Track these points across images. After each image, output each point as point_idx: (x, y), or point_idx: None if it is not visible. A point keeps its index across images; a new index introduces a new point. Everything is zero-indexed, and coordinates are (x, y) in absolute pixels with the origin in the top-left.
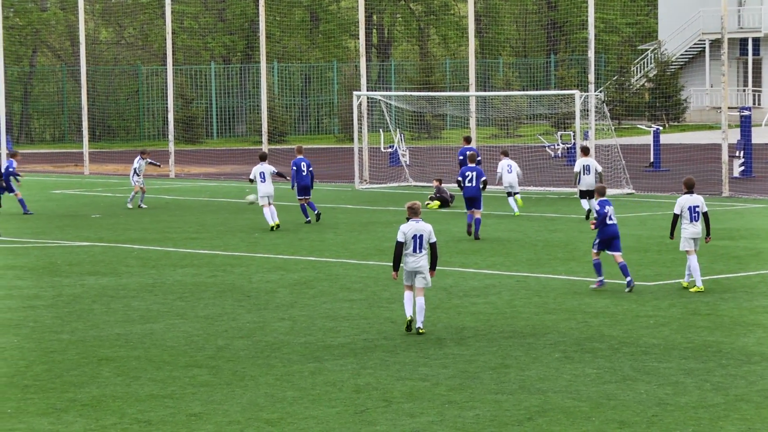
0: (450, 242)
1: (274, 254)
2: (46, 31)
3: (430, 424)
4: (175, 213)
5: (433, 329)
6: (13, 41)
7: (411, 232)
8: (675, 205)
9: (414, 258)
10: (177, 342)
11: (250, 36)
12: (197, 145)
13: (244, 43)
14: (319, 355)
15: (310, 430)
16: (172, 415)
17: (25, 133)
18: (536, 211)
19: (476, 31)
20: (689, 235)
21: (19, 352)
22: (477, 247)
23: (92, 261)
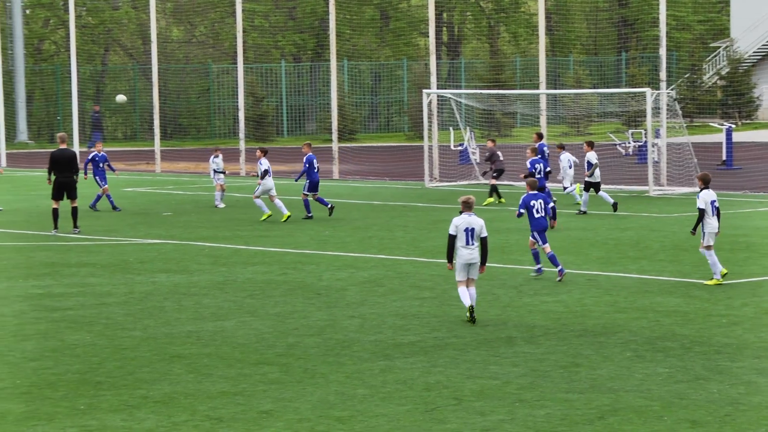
0: (521, 240)
1: (343, 252)
2: (118, 30)
3: (500, 422)
4: (246, 211)
5: (504, 327)
6: (85, 40)
7: (463, 225)
8: (698, 200)
9: (467, 250)
10: (248, 339)
11: (321, 34)
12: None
13: (315, 42)
14: (390, 353)
15: (381, 428)
16: (243, 413)
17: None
18: (607, 209)
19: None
20: (712, 229)
21: (92, 349)
22: None
23: (163, 258)
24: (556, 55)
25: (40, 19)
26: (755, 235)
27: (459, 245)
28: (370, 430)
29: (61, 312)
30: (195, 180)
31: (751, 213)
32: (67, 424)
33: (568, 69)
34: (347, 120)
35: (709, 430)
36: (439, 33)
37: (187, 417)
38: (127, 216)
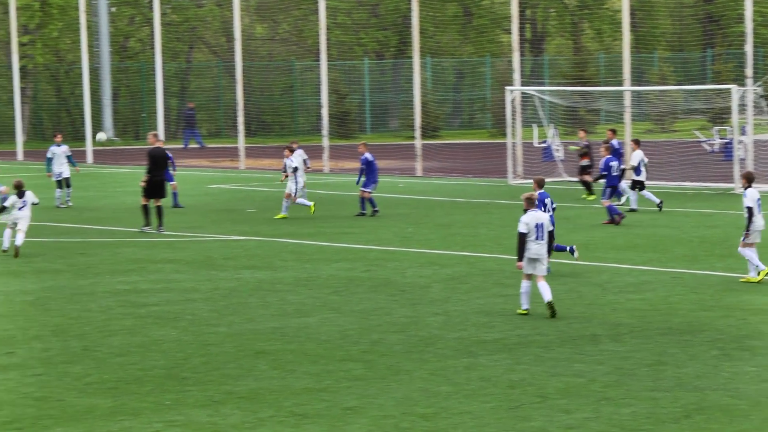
0: (605, 238)
1: (427, 249)
2: (203, 28)
3: (585, 420)
4: (329, 208)
5: (588, 325)
6: (170, 38)
7: (533, 221)
8: (745, 199)
9: (537, 246)
10: (332, 336)
11: (403, 31)
12: (351, 140)
13: (398, 39)
14: (473, 350)
15: (465, 425)
16: (328, 409)
17: (182, 128)
18: (692, 207)
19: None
20: (759, 227)
21: (178, 345)
22: (632, 243)
23: (248, 255)
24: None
25: (126, 17)
26: None
27: (529, 240)
28: (454, 428)
29: (147, 308)
30: (279, 177)
31: None
32: (153, 419)
33: (652, 66)
34: (430, 117)
35: None
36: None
37: (271, 413)
38: (211, 212)
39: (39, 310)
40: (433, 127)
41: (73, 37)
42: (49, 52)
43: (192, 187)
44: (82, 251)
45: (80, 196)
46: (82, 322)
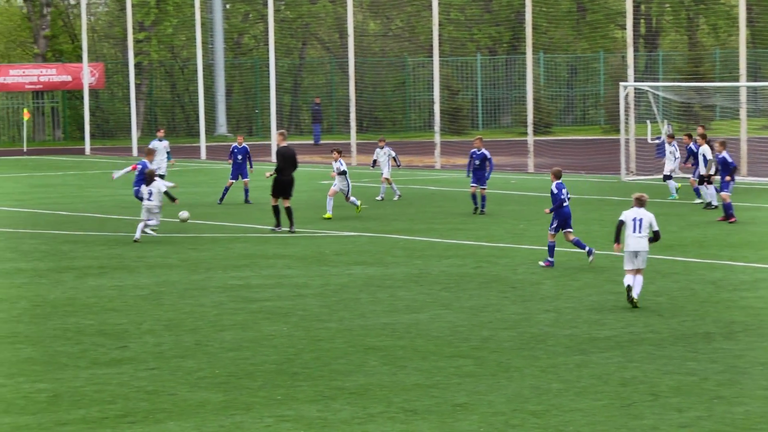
0: (719, 235)
1: (539, 246)
2: (316, 24)
3: (697, 419)
4: (441, 204)
5: (701, 323)
6: (283, 34)
7: (631, 215)
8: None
9: (635, 239)
10: (442, 332)
11: (517, 27)
12: (462, 136)
13: (510, 34)
14: (584, 347)
15: (576, 422)
16: (438, 405)
17: (295, 125)
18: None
19: (747, 20)
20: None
21: (288, 340)
22: (747, 240)
23: (359, 251)
24: (757, 46)
25: (240, 14)
26: None
27: (627, 233)
28: (565, 425)
29: (259, 303)
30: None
31: None
32: (264, 413)
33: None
34: (542, 113)
35: None
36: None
37: (382, 408)
38: (322, 209)
39: (152, 305)
40: (546, 123)
41: (188, 34)
42: (164, 49)
43: (303, 183)
44: (193, 246)
45: (192, 191)
46: (194, 317)
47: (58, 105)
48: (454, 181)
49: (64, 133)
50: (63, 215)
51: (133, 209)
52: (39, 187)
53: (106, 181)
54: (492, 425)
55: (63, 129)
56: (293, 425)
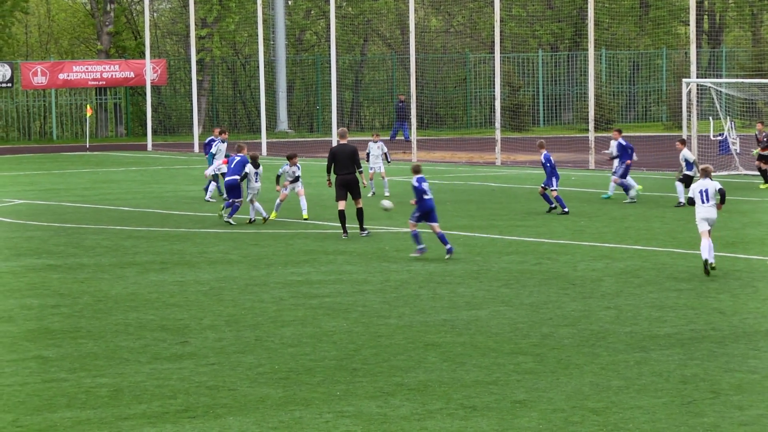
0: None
1: (599, 243)
2: (377, 20)
3: (759, 417)
4: (501, 201)
5: (764, 320)
6: (345, 30)
7: (698, 187)
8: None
9: (704, 208)
10: (502, 329)
11: (579, 23)
12: (524, 132)
13: (572, 31)
14: (645, 344)
15: (636, 419)
16: (497, 402)
17: (356, 121)
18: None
19: None
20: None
21: (348, 336)
22: None
23: None
24: None
25: (302, 10)
26: None
27: (697, 204)
28: (625, 422)
29: (319, 299)
30: (451, 169)
31: None
32: (323, 409)
33: None
34: (604, 109)
35: None
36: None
37: (441, 405)
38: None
39: (213, 300)
40: (607, 120)
41: (250, 31)
42: (226, 45)
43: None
44: (254, 242)
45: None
46: (254, 313)
47: (120, 101)
48: (514, 177)
49: (127, 129)
50: (125, 211)
51: (195, 205)
52: (102, 182)
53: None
54: (552, 422)
55: (125, 125)
56: (352, 421)
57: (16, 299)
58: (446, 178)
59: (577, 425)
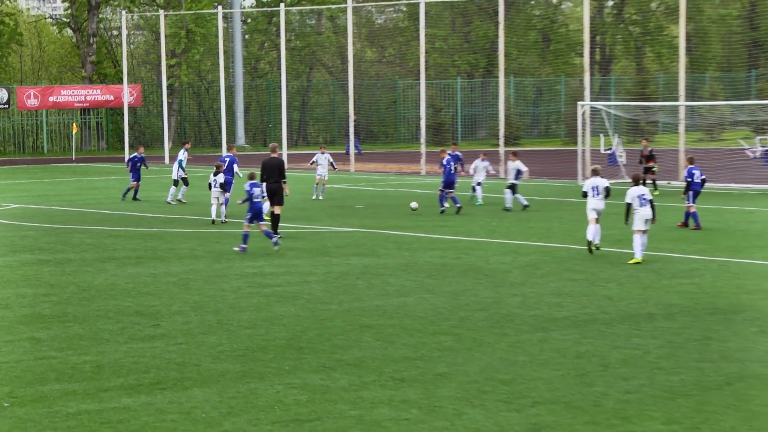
0: (660, 231)
1: (508, 240)
2: (321, 52)
3: (640, 386)
4: (426, 205)
5: (645, 305)
6: (294, 60)
7: (590, 184)
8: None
9: (594, 200)
10: (426, 313)
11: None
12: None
13: (486, 61)
14: (546, 326)
15: (538, 389)
16: (422, 374)
17: (302, 137)
18: (737, 205)
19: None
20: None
21: (296, 320)
22: (683, 235)
23: (356, 244)
24: (695, 72)
25: (257, 43)
26: None
27: (589, 196)
28: (528, 391)
29: (271, 288)
30: (383, 178)
31: None
32: (275, 382)
33: (704, 84)
34: (512, 127)
35: None
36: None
37: (374, 377)
38: (326, 208)
39: (181, 289)
40: (515, 136)
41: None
42: (192, 73)
43: (310, 187)
44: (217, 240)
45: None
46: (216, 300)
47: (102, 120)
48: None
49: (107, 143)
50: (106, 213)
51: (166, 208)
52: (86, 189)
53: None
54: (467, 391)
55: (106, 140)
56: (299, 391)
57: (12, 289)
58: (379, 185)
59: (489, 394)
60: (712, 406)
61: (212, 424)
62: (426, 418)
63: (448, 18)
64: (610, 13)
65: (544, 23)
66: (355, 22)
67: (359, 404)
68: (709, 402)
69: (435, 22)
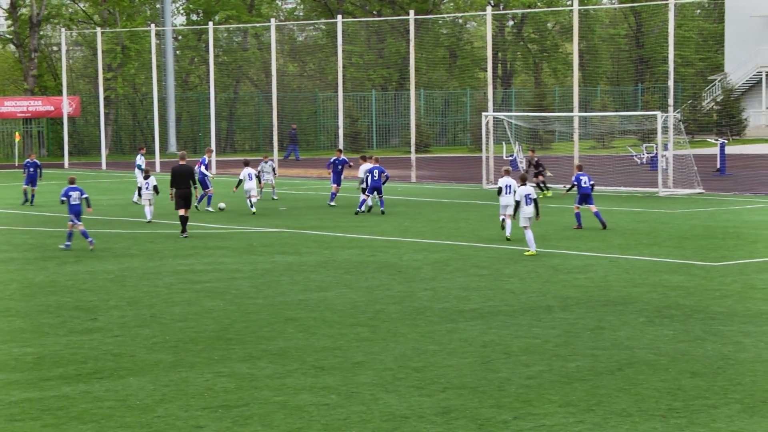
0: (557, 230)
1: (420, 239)
2: (247, 66)
3: (540, 372)
4: (345, 207)
5: (544, 298)
6: (221, 74)
7: (503, 182)
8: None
9: (506, 198)
10: (344, 306)
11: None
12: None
13: (398, 75)
14: (454, 317)
15: (447, 375)
16: (341, 363)
17: (230, 144)
18: (626, 206)
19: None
20: (527, 215)
21: (224, 313)
22: (578, 234)
23: (280, 243)
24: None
25: (187, 58)
26: (743, 227)
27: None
28: (438, 378)
29: (201, 284)
30: (305, 182)
31: (740, 210)
32: (205, 370)
33: (596, 96)
34: (423, 136)
35: (705, 379)
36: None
37: (297, 366)
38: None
39: (117, 286)
40: (425, 144)
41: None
42: (128, 85)
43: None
44: (150, 240)
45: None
46: (150, 295)
47: (43, 129)
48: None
49: (48, 151)
50: (47, 216)
51: (103, 210)
52: None
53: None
54: (383, 378)
55: (47, 148)
56: (228, 379)
57: None
58: (301, 189)
59: (402, 380)
60: (604, 389)
61: (146, 411)
62: (345, 403)
63: (364, 36)
64: (510, 32)
65: (451, 41)
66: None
67: (283, 391)
68: (602, 386)
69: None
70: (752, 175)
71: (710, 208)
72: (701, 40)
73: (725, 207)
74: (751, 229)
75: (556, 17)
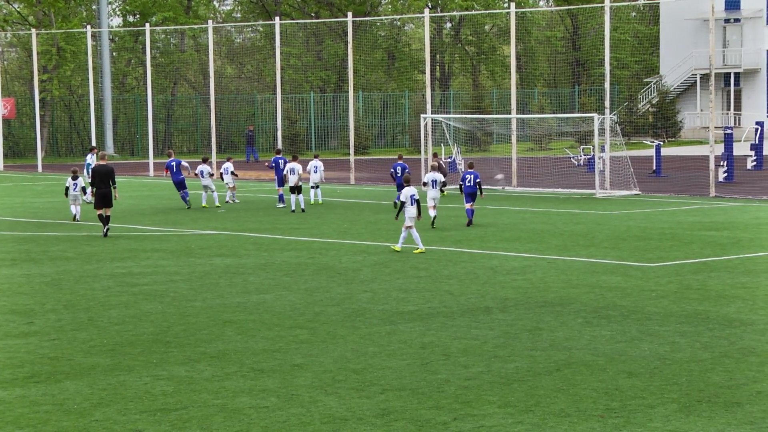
0: (496, 231)
1: (359, 241)
2: (184, 68)
3: (479, 373)
4: (283, 209)
5: (482, 299)
6: (159, 75)
7: (430, 177)
8: (401, 195)
9: (433, 191)
10: (283, 308)
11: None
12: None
13: (336, 77)
14: (394, 319)
15: (387, 377)
16: (280, 365)
17: (168, 146)
18: (563, 208)
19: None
20: (411, 215)
21: (162, 316)
22: (516, 236)
23: (219, 246)
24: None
25: (124, 60)
26: (678, 228)
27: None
28: (378, 379)
29: (139, 287)
30: (244, 184)
31: (675, 211)
32: (143, 374)
33: (533, 98)
34: (361, 138)
35: (642, 379)
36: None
37: (236, 368)
38: (190, 212)
39: (53, 289)
40: (364, 146)
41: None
42: (64, 87)
43: (174, 192)
44: (87, 243)
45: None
46: (87, 298)
47: None
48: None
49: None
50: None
51: (39, 213)
52: None
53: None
54: (322, 380)
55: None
56: (166, 382)
57: None
58: (240, 192)
59: (341, 382)
60: (543, 390)
61: (84, 414)
62: (284, 406)
63: (302, 37)
64: (448, 34)
65: (389, 43)
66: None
67: (222, 393)
68: (541, 386)
69: (290, 41)
70: (687, 177)
71: (646, 210)
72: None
73: (661, 208)
74: (687, 230)
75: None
